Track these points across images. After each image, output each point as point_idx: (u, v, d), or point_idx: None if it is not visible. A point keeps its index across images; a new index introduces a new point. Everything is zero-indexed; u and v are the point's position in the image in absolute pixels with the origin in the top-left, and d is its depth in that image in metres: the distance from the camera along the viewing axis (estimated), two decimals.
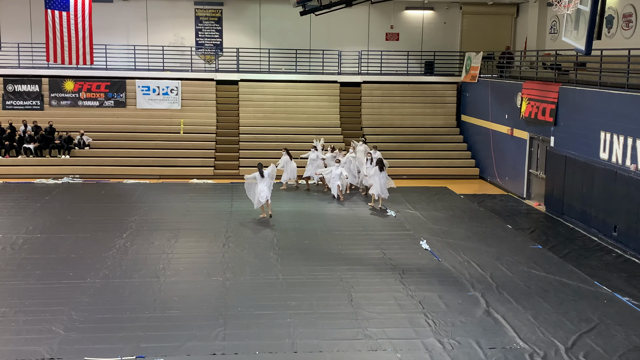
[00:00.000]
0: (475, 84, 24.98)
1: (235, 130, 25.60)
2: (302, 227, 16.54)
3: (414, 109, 26.72)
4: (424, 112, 26.70)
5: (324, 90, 26.56)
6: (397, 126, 26.24)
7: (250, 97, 26.26)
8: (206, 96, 26.05)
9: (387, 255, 14.21)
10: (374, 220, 17.46)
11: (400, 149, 25.01)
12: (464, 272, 13.26)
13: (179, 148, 24.32)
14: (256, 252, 14.33)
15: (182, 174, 23.16)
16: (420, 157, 24.79)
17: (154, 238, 15.20)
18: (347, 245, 14.97)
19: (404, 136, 25.68)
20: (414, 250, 14.64)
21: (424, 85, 26.85)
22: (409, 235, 15.96)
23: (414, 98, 26.79)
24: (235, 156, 24.42)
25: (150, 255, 13.93)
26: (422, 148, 25.22)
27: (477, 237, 15.87)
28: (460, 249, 14.85)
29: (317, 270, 13.16)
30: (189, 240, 15.20)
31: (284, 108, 26.15)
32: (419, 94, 26.79)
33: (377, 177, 18.52)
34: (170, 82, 25.49)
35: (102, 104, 25.35)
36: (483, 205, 19.63)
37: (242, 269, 13.17)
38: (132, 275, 12.68)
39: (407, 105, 26.74)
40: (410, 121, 26.47)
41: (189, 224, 16.65)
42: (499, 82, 23.29)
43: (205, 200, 19.54)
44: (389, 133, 25.85)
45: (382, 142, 24.91)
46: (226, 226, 16.44)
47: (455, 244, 15.19)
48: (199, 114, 25.72)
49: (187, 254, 14.13)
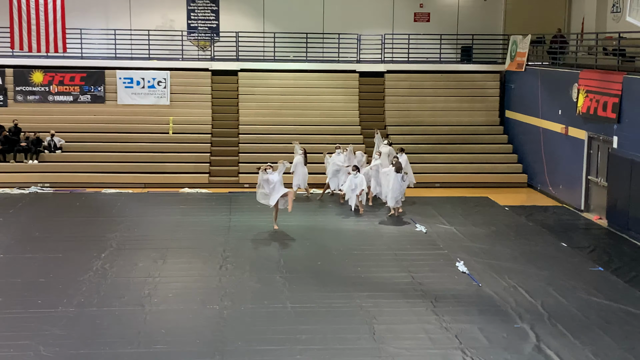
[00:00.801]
0: (522, 73, 24.92)
1: (234, 130, 25.69)
2: (313, 246, 16.54)
3: (449, 103, 26.68)
4: (460, 108, 26.64)
5: (340, 81, 26.60)
6: (428, 124, 26.21)
7: (252, 90, 26.35)
8: (200, 89, 26.18)
9: (416, 279, 14.17)
10: (401, 237, 17.42)
11: (431, 152, 24.97)
12: (509, 300, 13.20)
13: (167, 151, 24.44)
14: (259, 275, 14.35)
15: (171, 182, 23.27)
16: (456, 161, 24.74)
17: (137, 258, 15.27)
18: (368, 267, 14.95)
19: (436, 136, 25.64)
20: (448, 274, 14.59)
21: (461, 75, 26.81)
22: (443, 255, 15.91)
23: (448, 91, 26.75)
24: (234, 161, 24.51)
25: (134, 279, 13.98)
26: (458, 150, 25.17)
27: (525, 258, 15.80)
28: (504, 271, 14.77)
29: (332, 297, 13.15)
30: (180, 261, 15.25)
31: (293, 103, 26.22)
32: (455, 86, 26.76)
33: (391, 180, 18.80)
34: (157, 72, 25.66)
35: (77, 99, 25.57)
36: (532, 219, 19.55)
37: (243, 296, 13.19)
38: (112, 303, 12.73)
39: (439, 100, 26.71)
40: (443, 118, 26.43)
41: (179, 241, 16.70)
42: (550, 70, 23.22)
43: (198, 213, 19.60)
44: (418, 132, 25.82)
45: (410, 143, 24.87)
46: (223, 244, 16.48)
47: (498, 266, 15.12)
48: (191, 111, 25.86)
49: (177, 278, 14.17)
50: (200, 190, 22.61)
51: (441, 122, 26.31)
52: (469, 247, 16.51)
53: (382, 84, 26.83)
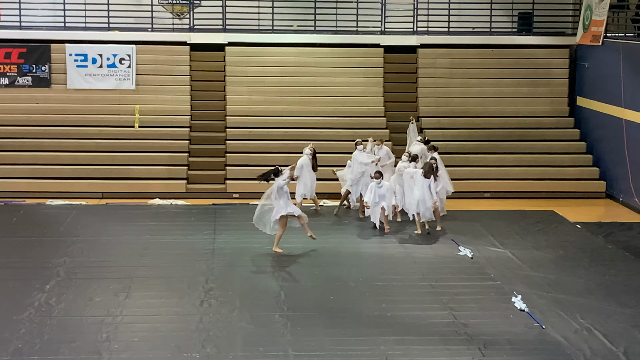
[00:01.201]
0: (599, 48, 24.85)
1: (219, 123, 25.73)
2: (324, 275, 16.52)
3: (502, 88, 26.64)
4: (517, 93, 26.60)
5: (359, 58, 26.60)
6: (474, 115, 26.18)
7: (243, 70, 26.38)
8: (175, 69, 26.23)
9: (459, 320, 14.12)
10: (439, 263, 17.37)
11: (479, 152, 24.94)
12: (583, 347, 13.13)
13: (132, 151, 24.48)
14: (253, 313, 14.32)
15: (137, 190, 23.31)
16: (512, 163, 24.70)
17: (93, 291, 15.26)
18: (397, 302, 14.91)
19: (485, 131, 25.60)
20: (501, 312, 14.54)
21: (518, 50, 26.78)
22: (495, 287, 15.86)
23: (501, 71, 26.71)
24: (220, 163, 24.53)
25: (88, 319, 13.97)
26: (514, 150, 25.12)
27: (603, 291, 15.73)
28: (575, 309, 14.71)
29: (348, 342, 13.11)
30: (148, 294, 15.24)
31: (296, 88, 26.24)
32: (510, 65, 26.72)
33: (417, 186, 18.98)
34: (119, 47, 25.70)
35: (14, 81, 25.63)
36: (612, 239, 19.48)
37: (231, 341, 13.16)
38: (60, 350, 12.70)
39: (490, 82, 26.68)
40: (495, 108, 26.39)
41: (147, 269, 16.70)
42: (636, 44, 23.17)
43: (173, 231, 19.60)
44: (461, 126, 25.80)
45: (450, 140, 24.85)
46: (206, 273, 16.47)
47: (567, 302, 15.06)
48: (163, 98, 25.89)
49: (144, 317, 14.15)
50: (176, 202, 22.64)
51: (492, 113, 26.27)
52: (529, 277, 16.44)
53: (414, 62, 26.80)
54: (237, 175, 23.77)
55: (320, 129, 25.05)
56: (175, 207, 22.23)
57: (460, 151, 24.58)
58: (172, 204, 22.44)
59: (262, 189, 22.67)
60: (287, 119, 25.54)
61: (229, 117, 25.69)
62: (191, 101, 26.04)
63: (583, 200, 23.73)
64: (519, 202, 23.17)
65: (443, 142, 24.02)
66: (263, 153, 24.36)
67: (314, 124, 25.35)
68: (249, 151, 24.58)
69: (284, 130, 25.13)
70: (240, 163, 24.21)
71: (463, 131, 25.55)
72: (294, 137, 24.73)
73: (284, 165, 18.52)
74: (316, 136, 24.43)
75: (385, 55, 26.64)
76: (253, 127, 25.34)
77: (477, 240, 19.00)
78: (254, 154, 24.46)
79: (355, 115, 25.83)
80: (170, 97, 25.90)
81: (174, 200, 22.78)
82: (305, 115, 25.66)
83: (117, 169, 23.83)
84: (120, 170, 23.80)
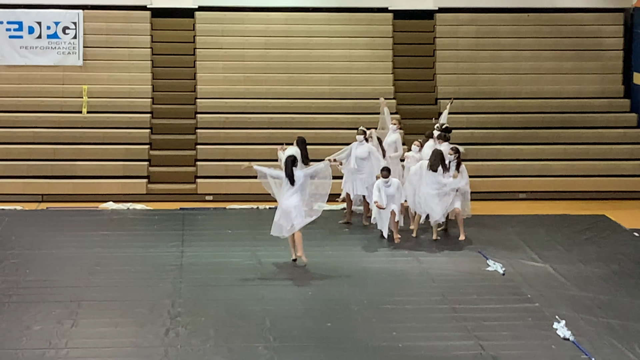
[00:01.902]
0: None
1: (188, 108, 25.77)
2: (320, 296, 16.52)
3: (540, 62, 26.74)
4: (559, 69, 26.70)
5: (363, 26, 26.68)
6: (507, 96, 26.26)
7: (218, 41, 26.42)
8: (133, 41, 26.26)
9: (488, 351, 14.12)
10: (463, 281, 17.39)
11: (512, 142, 25.05)
12: None
13: (79, 142, 24.53)
14: (231, 344, 14.31)
15: (85, 192, 23.37)
16: (554, 156, 24.81)
17: (31, 318, 15.23)
18: (410, 330, 14.90)
19: (519, 117, 25.72)
20: (541, 341, 14.53)
21: (560, 15, 26.88)
22: (532, 310, 15.87)
23: (539, 41, 26.81)
24: (189, 157, 24.59)
25: (25, 352, 13.93)
26: (556, 139, 25.24)
27: None
28: (633, 337, 14.68)
29: None
30: (100, 321, 15.21)
31: (285, 63, 26.29)
32: (550, 34, 26.82)
33: (420, 182, 19.30)
34: (62, 13, 25.72)
35: None
36: None
37: None
38: None
39: (525, 56, 26.77)
40: (531, 87, 26.49)
41: (99, 290, 16.68)
42: None
43: (131, 243, 19.61)
44: (490, 109, 25.89)
45: (476, 127, 24.94)
46: (172, 294, 16.47)
47: (623, 329, 15.05)
48: (118, 76, 25.93)
49: (95, 350, 14.12)
50: (134, 206, 22.66)
51: (528, 94, 26.37)
52: (575, 298, 16.44)
53: (430, 30, 26.91)
54: (210, 173, 23.80)
55: (314, 115, 25.14)
56: (133, 212, 22.25)
57: (490, 141, 24.64)
58: (129, 209, 22.46)
59: (240, 190, 22.83)
60: (272, 102, 25.59)
61: (200, 100, 25.71)
62: (153, 80, 26.09)
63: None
64: (563, 204, 23.25)
65: (467, 129, 24.12)
66: (243, 144, 24.40)
67: (306, 108, 25.41)
68: (224, 142, 24.61)
69: (269, 116, 25.18)
70: (214, 157, 24.23)
71: (492, 116, 25.62)
72: (281, 124, 24.77)
73: (269, 160, 18.50)
74: (309, 124, 24.50)
75: (395, 22, 26.73)
76: (230, 113, 25.39)
77: (511, 253, 19.02)
78: (231, 145, 24.48)
79: (358, 97, 25.90)
80: (126, 76, 25.95)
81: (132, 204, 22.80)
82: (296, 97, 25.73)
83: (61, 165, 23.86)
84: (65, 167, 23.83)
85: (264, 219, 20.93)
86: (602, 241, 20.12)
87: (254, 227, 20.74)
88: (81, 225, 20.86)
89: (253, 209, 22.52)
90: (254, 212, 22.23)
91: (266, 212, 21.66)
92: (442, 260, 18.68)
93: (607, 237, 20.44)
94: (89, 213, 21.98)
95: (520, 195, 23.83)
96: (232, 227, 20.84)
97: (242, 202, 22.92)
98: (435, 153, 19.64)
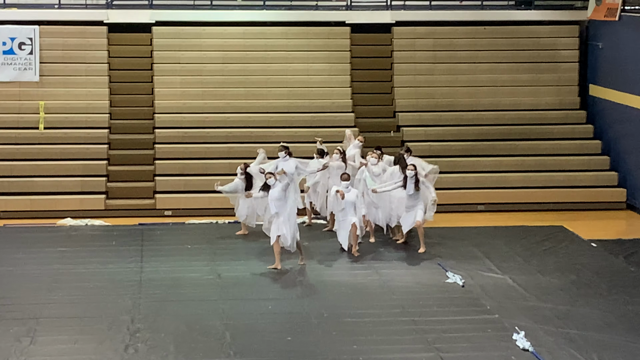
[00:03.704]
0: (616, 24, 25.07)
1: (146, 123, 25.65)
2: (280, 310, 16.49)
3: (498, 74, 26.83)
4: (516, 81, 26.80)
5: (321, 40, 26.66)
6: (464, 108, 26.33)
7: (175, 56, 26.32)
8: (89, 56, 26.08)
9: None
10: (423, 293, 17.40)
11: (470, 154, 25.11)
12: None
13: (36, 159, 24.35)
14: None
15: (42, 208, 23.18)
16: (512, 168, 24.86)
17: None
18: (371, 343, 14.91)
19: (478, 129, 25.79)
20: (501, 352, 14.58)
21: (516, 28, 27.00)
22: (492, 322, 15.90)
23: (496, 54, 26.90)
24: (147, 172, 24.46)
25: None
26: (513, 151, 25.32)
27: (626, 324, 15.82)
28: (592, 347, 14.77)
29: None
30: (59, 338, 15.11)
31: (242, 77, 26.23)
32: (507, 46, 26.92)
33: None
34: (18, 28, 25.52)
35: None
36: (635, 260, 19.62)
37: None
38: None
39: (482, 69, 26.86)
40: (489, 99, 26.58)
41: (57, 306, 16.56)
42: None
43: (90, 259, 19.47)
44: (448, 122, 25.94)
45: (435, 140, 24.97)
46: (131, 310, 16.38)
47: (582, 339, 15.13)
48: (75, 92, 25.76)
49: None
50: (93, 222, 22.51)
51: (485, 106, 26.45)
52: (534, 309, 16.51)
53: (388, 43, 26.93)
54: (169, 188, 23.71)
55: (273, 129, 25.05)
56: (91, 228, 22.10)
57: (447, 154, 24.68)
58: (87, 225, 22.31)
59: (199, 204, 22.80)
60: (230, 116, 25.54)
61: (158, 115, 25.62)
62: (110, 95, 25.93)
63: (599, 212, 23.96)
64: (521, 215, 23.33)
65: (425, 142, 24.18)
66: (201, 159, 24.33)
67: (264, 122, 25.36)
68: (183, 157, 24.52)
69: (227, 130, 25.11)
70: (172, 172, 24.13)
71: (450, 129, 25.68)
72: (239, 139, 24.74)
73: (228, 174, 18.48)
74: (268, 137, 24.44)
75: (352, 36, 26.73)
76: (188, 127, 25.30)
77: (470, 264, 19.06)
78: (189, 160, 24.40)
79: (317, 111, 25.89)
80: (83, 91, 25.78)
81: (90, 220, 22.65)
82: (254, 111, 25.67)
83: (17, 182, 23.68)
84: (21, 184, 23.66)
85: (223, 234, 20.96)
86: (560, 252, 20.21)
87: (213, 242, 20.69)
88: (39, 241, 20.70)
89: (212, 223, 22.43)
90: (213, 227, 22.13)
91: (225, 227, 21.67)
92: (402, 272, 18.69)
93: (565, 247, 20.53)
94: (46, 229, 21.82)
95: (478, 207, 23.89)
96: (191, 242, 20.75)
97: (201, 217, 22.85)
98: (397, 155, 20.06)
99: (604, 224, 22.84)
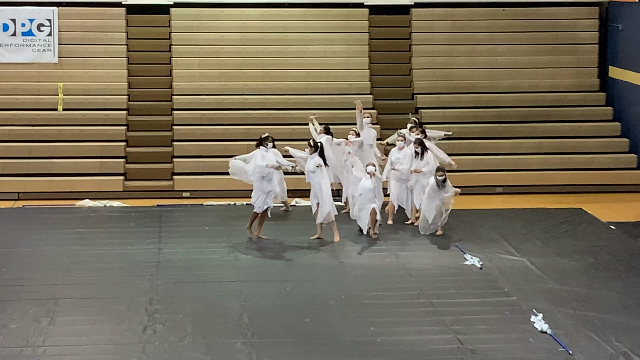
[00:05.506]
0: (636, 6, 24.96)
1: (164, 104, 25.71)
2: (297, 292, 16.53)
3: (516, 56, 26.79)
4: (535, 63, 26.75)
5: (339, 22, 26.64)
6: (483, 90, 26.32)
7: (193, 37, 26.34)
8: (108, 37, 26.14)
9: (466, 345, 14.16)
10: (440, 275, 17.44)
11: (489, 136, 25.12)
12: None
13: (55, 140, 24.45)
14: (209, 341, 14.31)
15: (61, 189, 23.28)
16: (530, 150, 24.87)
17: (8, 316, 15.18)
18: (388, 325, 14.93)
19: (496, 111, 25.78)
20: (518, 334, 14.59)
21: (536, 9, 26.94)
22: (510, 304, 15.92)
23: (515, 36, 26.85)
24: (166, 154, 24.54)
25: (2, 350, 13.88)
26: (532, 133, 25.30)
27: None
28: (610, 330, 14.76)
29: None
30: (77, 319, 15.18)
31: (261, 58, 26.24)
32: (525, 28, 26.85)
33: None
34: (36, 10, 25.56)
35: None
36: None
37: None
38: None
39: (501, 51, 26.81)
40: (509, 81, 26.55)
41: (76, 287, 16.64)
42: None
43: (108, 240, 19.57)
44: (466, 104, 25.97)
45: (453, 121, 24.92)
46: (149, 291, 16.45)
47: (600, 321, 15.13)
48: (93, 73, 25.81)
49: (73, 348, 14.09)
50: (111, 203, 22.60)
51: (504, 88, 26.43)
52: (552, 291, 16.51)
53: (406, 25, 26.90)
54: (187, 169, 23.75)
55: (290, 110, 25.09)
56: (110, 209, 22.19)
57: (466, 136, 24.67)
58: (106, 206, 22.40)
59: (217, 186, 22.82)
60: (249, 98, 25.55)
61: (177, 97, 25.64)
62: (128, 77, 25.99)
63: (618, 195, 23.93)
64: (539, 198, 23.33)
65: (444, 124, 24.09)
66: (219, 141, 24.36)
67: (282, 104, 25.39)
68: (201, 139, 24.57)
69: (245, 112, 25.15)
70: (190, 154, 24.18)
71: (469, 111, 25.67)
72: (257, 121, 24.77)
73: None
74: (286, 119, 24.48)
75: (370, 18, 26.70)
76: (206, 109, 25.34)
77: (488, 247, 19.09)
78: (207, 142, 24.44)
79: (335, 93, 25.88)
80: (102, 73, 25.83)
81: (108, 201, 22.74)
82: (272, 93, 25.69)
83: (36, 163, 23.77)
84: (40, 165, 23.75)
85: (241, 215, 20.95)
86: (578, 234, 20.20)
87: (231, 224, 20.73)
88: (58, 223, 20.80)
89: (230, 205, 22.50)
90: (231, 209, 22.19)
91: (243, 208, 21.67)
92: (420, 255, 18.73)
93: (584, 230, 20.53)
94: (65, 211, 21.91)
95: (497, 189, 23.88)
96: (209, 223, 20.82)
97: (219, 199, 22.90)
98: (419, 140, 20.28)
99: (623, 206, 22.79)
